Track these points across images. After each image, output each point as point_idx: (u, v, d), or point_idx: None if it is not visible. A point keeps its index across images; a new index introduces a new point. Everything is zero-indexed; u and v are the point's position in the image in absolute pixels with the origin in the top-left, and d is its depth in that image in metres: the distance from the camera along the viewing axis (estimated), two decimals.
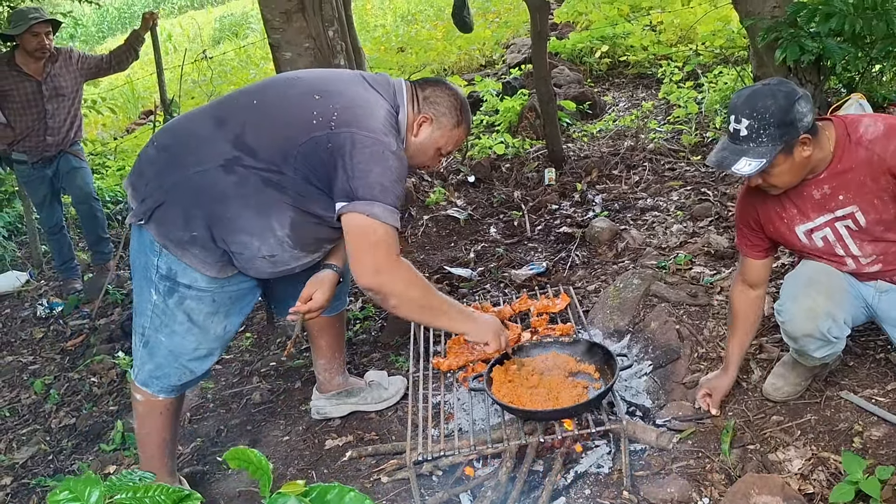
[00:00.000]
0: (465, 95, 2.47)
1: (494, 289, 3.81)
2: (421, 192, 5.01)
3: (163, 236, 2.26)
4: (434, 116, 2.37)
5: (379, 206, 2.16)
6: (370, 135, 2.17)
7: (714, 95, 5.68)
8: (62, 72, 4.52)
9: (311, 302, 2.42)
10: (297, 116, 2.21)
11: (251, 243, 2.27)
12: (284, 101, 2.27)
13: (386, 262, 2.21)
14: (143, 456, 2.59)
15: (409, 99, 2.35)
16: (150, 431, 2.54)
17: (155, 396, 2.49)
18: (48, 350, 4.42)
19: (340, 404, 3.00)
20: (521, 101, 6.13)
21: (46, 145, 4.57)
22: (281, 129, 2.22)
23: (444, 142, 2.42)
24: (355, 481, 2.64)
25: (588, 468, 2.44)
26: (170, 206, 2.24)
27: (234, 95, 2.43)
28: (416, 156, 2.42)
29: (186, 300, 2.34)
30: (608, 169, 5.00)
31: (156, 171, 2.29)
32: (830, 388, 2.51)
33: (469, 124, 2.47)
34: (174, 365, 2.44)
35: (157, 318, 2.38)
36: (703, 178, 4.58)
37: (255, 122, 2.25)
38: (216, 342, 2.46)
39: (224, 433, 3.10)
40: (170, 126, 2.43)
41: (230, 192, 2.22)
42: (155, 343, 2.42)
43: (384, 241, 2.19)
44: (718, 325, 2.94)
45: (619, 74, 7.56)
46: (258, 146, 2.21)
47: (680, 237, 3.83)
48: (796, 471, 2.23)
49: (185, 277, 2.30)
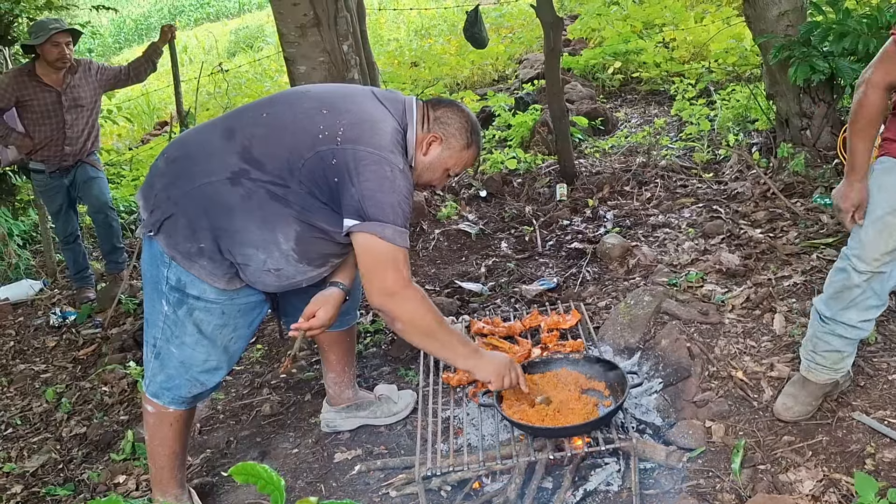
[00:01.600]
0: (477, 119, 2.48)
1: (505, 304, 3.81)
2: (433, 206, 5.02)
3: (171, 248, 2.28)
4: (444, 136, 2.37)
5: (391, 228, 2.17)
6: (375, 152, 2.18)
7: (726, 113, 5.68)
8: (81, 83, 4.58)
9: (314, 320, 2.42)
10: (303, 130, 2.23)
11: (257, 256, 2.29)
12: (292, 115, 2.29)
13: (397, 285, 2.22)
14: (154, 467, 2.60)
15: (419, 118, 2.36)
16: (161, 443, 2.55)
17: (166, 408, 2.50)
18: (60, 359, 4.45)
19: (350, 417, 3.01)
20: (533, 117, 6.15)
21: (64, 155, 4.63)
22: (287, 143, 2.23)
23: (452, 162, 2.42)
24: (364, 495, 2.64)
25: (597, 486, 2.44)
26: (178, 218, 2.26)
27: (244, 108, 2.45)
28: (424, 174, 2.42)
29: (196, 311, 2.36)
30: (620, 185, 5.00)
31: (165, 182, 2.32)
32: (842, 409, 2.49)
33: (479, 147, 2.47)
34: (185, 377, 2.45)
35: (167, 329, 2.39)
36: (715, 196, 4.58)
37: (263, 135, 2.27)
38: (225, 354, 2.48)
39: (234, 444, 3.11)
40: (180, 138, 2.46)
41: (236, 204, 2.23)
42: (166, 354, 2.43)
43: (396, 263, 2.20)
44: (729, 343, 2.94)
45: (632, 91, 7.57)
46: (265, 159, 2.23)
47: (691, 254, 3.82)
48: (807, 492, 2.22)
49: (194, 289, 2.32)
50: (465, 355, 2.37)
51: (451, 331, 2.37)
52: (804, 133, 4.54)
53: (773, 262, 3.52)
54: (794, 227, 3.85)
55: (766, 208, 4.16)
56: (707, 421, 2.60)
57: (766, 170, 4.61)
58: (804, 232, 3.77)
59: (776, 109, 4.73)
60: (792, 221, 3.93)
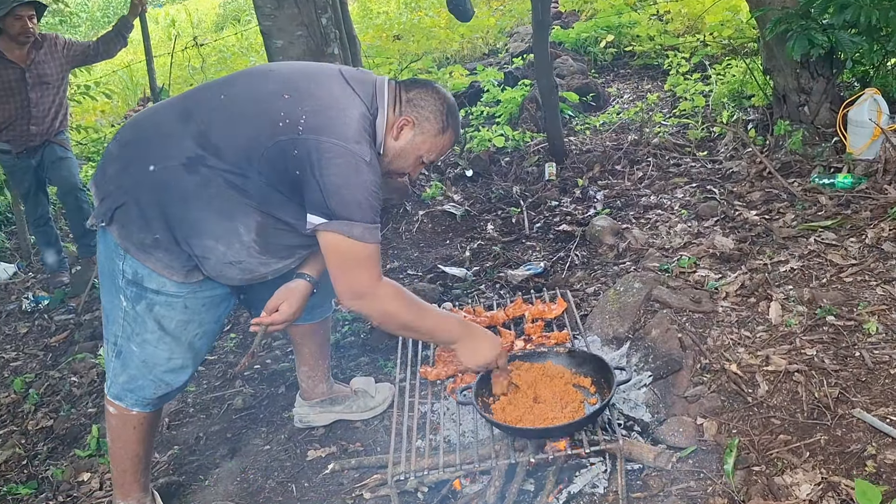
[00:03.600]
0: (454, 101, 2.28)
1: (490, 289, 3.66)
2: (417, 186, 4.85)
3: (125, 239, 2.11)
4: (416, 120, 2.19)
5: (359, 226, 2.02)
6: (340, 143, 2.00)
7: (722, 88, 5.50)
8: (47, 59, 4.37)
9: (276, 314, 2.26)
10: (263, 117, 2.05)
11: (216, 248, 2.12)
12: (251, 99, 2.10)
13: (368, 285, 2.09)
14: (116, 470, 2.45)
15: (391, 100, 2.18)
16: (123, 446, 2.40)
17: (129, 410, 2.34)
18: (32, 346, 4.30)
19: (324, 412, 2.86)
20: (522, 93, 5.96)
21: (30, 135, 4.43)
22: (246, 130, 2.06)
23: (426, 148, 2.24)
24: (336, 497, 2.51)
25: (582, 488, 2.30)
26: (130, 207, 2.09)
27: (202, 87, 2.26)
28: (395, 161, 2.24)
29: (156, 307, 2.19)
30: (611, 164, 4.83)
31: (117, 168, 2.14)
32: (841, 406, 2.35)
33: (457, 132, 2.29)
34: (148, 377, 2.29)
35: (127, 326, 2.23)
36: (709, 175, 4.42)
37: (221, 119, 2.09)
38: (190, 352, 2.31)
39: (203, 440, 2.97)
40: (134, 119, 2.27)
41: (192, 192, 2.06)
42: (127, 353, 2.27)
43: (366, 262, 2.07)
44: (723, 333, 2.79)
45: (625, 65, 7.37)
46: (223, 146, 2.05)
47: (684, 238, 3.66)
48: (804, 497, 2.08)
49: (152, 282, 2.15)
50: (449, 342, 2.29)
51: (430, 319, 2.25)
52: (802, 110, 4.36)
53: (768, 246, 3.37)
54: (791, 209, 3.69)
55: (762, 188, 4.00)
56: (699, 417, 2.45)
57: (762, 148, 4.45)
58: (801, 214, 3.62)
59: (773, 85, 4.55)
60: (789, 203, 3.77)
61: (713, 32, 6.85)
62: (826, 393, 2.40)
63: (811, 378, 2.47)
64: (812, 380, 2.47)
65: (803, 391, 2.43)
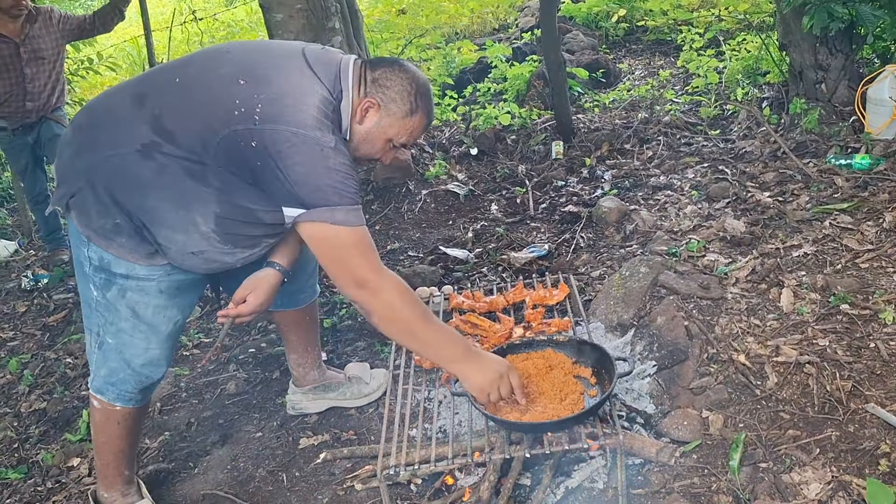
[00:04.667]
0: (427, 79, 2.12)
1: (492, 272, 3.56)
2: (421, 164, 4.73)
3: (85, 226, 2.01)
4: (382, 102, 2.05)
5: (340, 210, 1.90)
6: (300, 131, 1.87)
7: (736, 65, 5.33)
8: (42, 33, 4.26)
9: (243, 306, 2.16)
10: (217, 103, 1.92)
11: (176, 238, 2.01)
12: (205, 83, 1.97)
13: (368, 273, 1.96)
14: (100, 463, 2.38)
15: (355, 81, 2.04)
16: (107, 441, 2.32)
17: (112, 405, 2.26)
18: (30, 325, 4.24)
19: (318, 399, 2.78)
20: (530, 68, 5.81)
21: (26, 111, 4.34)
22: (200, 117, 1.93)
23: (394, 132, 2.09)
24: (327, 487, 2.43)
25: (581, 483, 2.21)
26: (86, 193, 1.99)
27: (158, 70, 2.14)
28: (362, 146, 2.10)
29: (128, 292, 2.09)
30: (620, 143, 4.69)
31: (70, 153, 2.04)
32: (854, 400, 2.24)
33: (429, 113, 2.13)
34: (127, 370, 2.20)
35: (101, 315, 2.14)
36: (722, 155, 4.27)
37: (175, 103, 1.96)
38: (168, 341, 2.22)
39: (195, 426, 2.90)
40: (89, 104, 2.15)
41: (148, 180, 1.95)
42: (106, 346, 2.18)
43: (359, 247, 1.94)
44: (731, 322, 2.67)
45: (637, 41, 7.20)
46: (178, 132, 1.93)
47: (694, 220, 3.54)
48: (814, 496, 1.98)
49: (119, 267, 2.05)
50: (449, 359, 2.08)
51: (436, 328, 2.07)
52: (819, 87, 4.21)
53: (781, 230, 3.24)
54: (806, 191, 3.56)
55: (776, 169, 3.86)
56: (704, 410, 2.35)
57: (776, 127, 4.30)
58: (816, 196, 3.48)
59: (789, 61, 4.39)
60: (803, 184, 3.63)
61: (728, 7, 6.65)
62: (838, 386, 2.29)
63: (823, 370, 2.36)
64: (824, 372, 2.35)
65: (814, 384, 2.32)
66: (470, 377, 2.08)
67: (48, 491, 2.72)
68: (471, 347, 2.13)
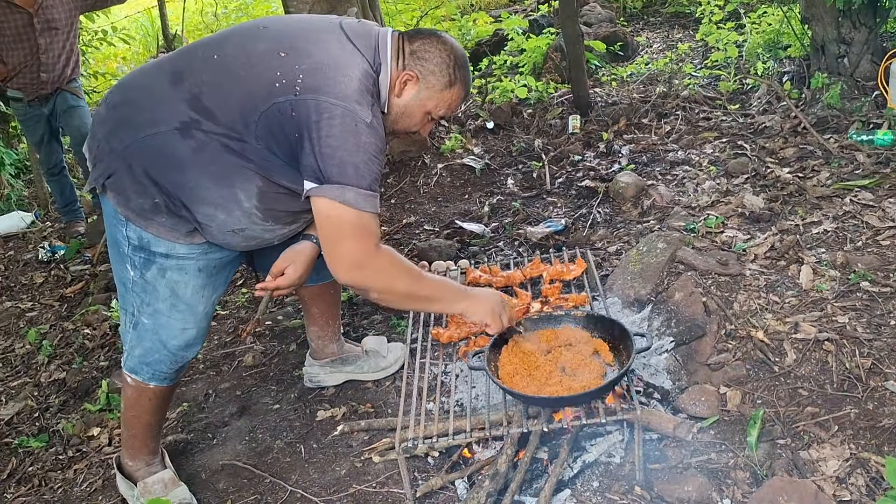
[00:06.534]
0: (464, 51, 2.10)
1: (508, 247, 3.55)
2: (436, 138, 4.70)
3: (123, 206, 2.01)
4: (420, 74, 2.03)
5: (352, 190, 1.87)
6: (340, 103, 1.85)
7: (756, 38, 5.24)
8: (55, 3, 4.24)
9: (282, 278, 2.17)
10: (258, 78, 1.90)
11: (216, 216, 2.01)
12: (245, 59, 1.95)
13: (364, 255, 1.94)
14: (127, 434, 2.39)
15: (393, 54, 2.02)
16: (137, 415, 2.33)
17: (146, 384, 2.26)
18: (47, 296, 4.28)
19: (335, 372, 2.80)
20: (547, 41, 5.74)
21: (41, 83, 4.34)
22: (240, 93, 1.92)
23: (433, 104, 2.08)
24: (345, 459, 2.45)
25: (598, 457, 2.22)
26: (123, 174, 1.98)
27: (194, 47, 2.10)
28: (400, 120, 2.09)
29: (168, 272, 2.09)
30: (637, 117, 4.65)
31: (105, 132, 2.02)
32: (874, 378, 2.23)
33: (467, 85, 2.12)
34: (163, 351, 2.20)
35: (136, 296, 2.13)
36: (741, 130, 4.22)
37: (215, 81, 1.95)
38: (205, 320, 2.22)
39: (212, 398, 2.92)
40: (121, 82, 2.13)
41: (188, 158, 1.94)
42: (141, 325, 2.18)
43: (360, 231, 1.92)
44: (750, 298, 2.66)
45: (655, 13, 7.10)
46: (217, 109, 1.92)
47: (712, 196, 3.51)
48: (831, 473, 1.98)
49: (160, 246, 2.06)
50: (452, 301, 2.15)
51: (431, 283, 2.12)
52: (841, 61, 4.14)
53: (801, 206, 3.21)
54: (827, 167, 3.52)
55: (796, 145, 3.81)
56: (722, 386, 2.35)
57: (797, 102, 4.24)
58: (837, 172, 3.44)
59: (811, 35, 4.31)
60: (824, 160, 3.59)
61: None
62: (858, 363, 2.28)
63: (842, 347, 2.35)
64: (843, 349, 2.34)
65: (833, 361, 2.31)
66: (476, 310, 2.16)
67: (69, 459, 2.76)
68: (462, 286, 2.19)
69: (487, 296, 2.19)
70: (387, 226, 3.99)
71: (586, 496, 2.11)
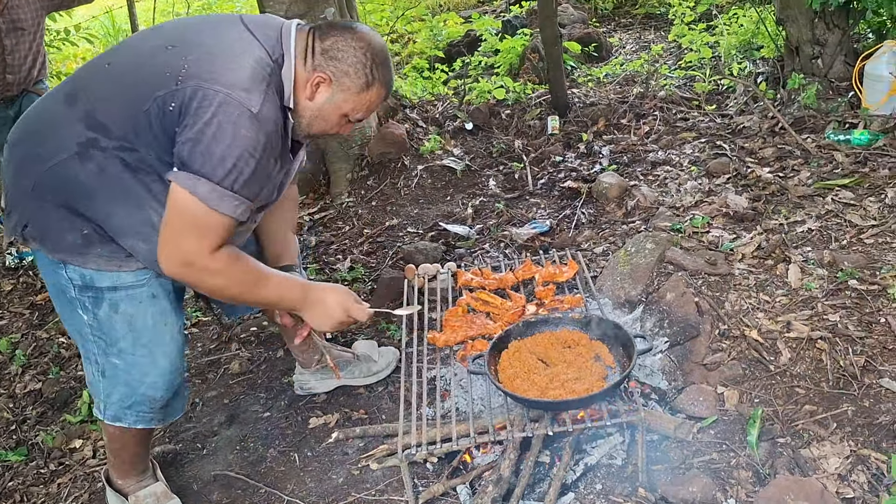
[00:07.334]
0: (384, 44, 1.95)
1: (494, 249, 3.53)
2: (415, 139, 4.67)
3: (53, 249, 1.90)
4: (334, 76, 1.87)
5: (208, 184, 1.72)
6: (222, 90, 1.71)
7: (731, 39, 5.31)
8: (21, 3, 4.10)
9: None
10: (146, 76, 1.78)
11: (137, 246, 1.88)
12: (135, 60, 1.84)
13: (197, 256, 1.79)
14: (114, 460, 2.30)
15: (301, 50, 1.87)
16: (122, 447, 2.25)
17: (132, 427, 2.14)
18: (17, 304, 4.14)
19: (326, 378, 2.75)
20: (522, 42, 5.75)
21: (7, 84, 4.19)
22: (129, 96, 1.78)
23: (350, 107, 1.93)
24: (342, 467, 2.41)
25: (600, 460, 2.21)
26: (41, 215, 1.86)
27: (89, 63, 1.96)
28: (315, 123, 1.95)
29: (120, 305, 1.96)
30: (616, 118, 4.67)
31: (11, 174, 1.90)
32: (868, 375, 2.26)
33: (388, 84, 1.96)
34: (140, 390, 2.07)
35: (97, 341, 2.01)
36: (719, 131, 4.27)
37: (107, 92, 1.82)
38: (175, 349, 2.09)
39: (199, 407, 2.86)
40: (23, 116, 1.99)
41: (92, 184, 1.81)
42: (111, 369, 2.04)
43: (202, 229, 1.76)
44: (741, 298, 2.68)
45: (626, 14, 7.16)
46: (110, 122, 1.79)
47: (695, 196, 3.54)
48: (833, 470, 2.00)
49: (103, 280, 1.93)
50: (290, 309, 2.10)
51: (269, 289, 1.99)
52: (815, 62, 4.21)
53: (783, 206, 3.25)
54: (806, 166, 3.57)
55: (775, 145, 3.87)
56: (719, 386, 2.36)
57: (772, 101, 4.30)
58: (817, 171, 3.49)
59: (786, 36, 4.38)
60: (803, 160, 3.64)
61: None
62: (852, 361, 2.31)
63: (835, 345, 2.38)
64: (836, 347, 2.37)
65: (828, 359, 2.34)
66: (315, 319, 2.10)
67: (52, 473, 2.67)
68: (308, 290, 2.08)
69: (330, 301, 2.10)
70: (369, 228, 3.95)
71: (590, 499, 2.10)
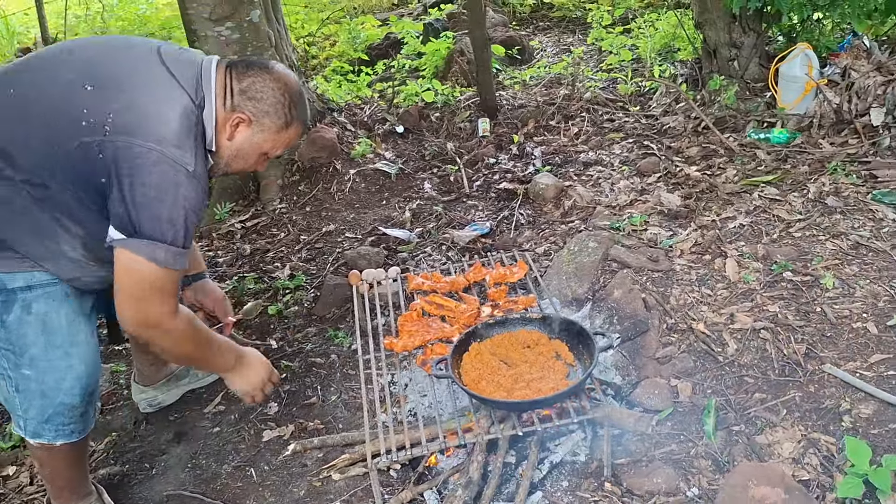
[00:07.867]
0: (299, 83, 1.97)
1: (436, 252, 3.53)
2: (345, 143, 4.62)
3: None
4: (254, 116, 1.88)
5: (164, 249, 1.72)
6: (155, 147, 1.69)
7: (650, 42, 5.49)
8: None
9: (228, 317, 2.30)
10: (62, 114, 1.72)
11: (52, 267, 1.85)
12: (46, 91, 1.75)
13: (161, 318, 1.80)
14: (51, 489, 2.18)
15: (220, 89, 1.85)
16: (54, 472, 2.13)
17: (53, 444, 2.04)
18: None
19: (172, 389, 2.75)
20: (447, 45, 5.77)
21: None
22: (43, 132, 1.72)
23: (269, 146, 1.94)
24: (302, 479, 2.35)
25: (564, 457, 2.24)
26: None
27: None
28: (234, 162, 1.95)
29: (34, 305, 1.87)
30: (545, 119, 4.75)
31: None
32: (811, 362, 2.38)
33: (304, 122, 1.99)
34: (57, 400, 1.97)
35: (6, 353, 1.90)
36: (645, 131, 4.41)
37: (13, 119, 1.74)
38: (90, 350, 1.99)
39: (143, 425, 2.72)
40: None
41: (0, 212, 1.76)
42: (24, 383, 1.94)
43: (163, 293, 1.78)
44: (684, 292, 2.77)
45: (543, 17, 7.29)
46: (16, 152, 1.72)
47: (629, 195, 3.64)
48: (787, 455, 2.09)
49: (16, 281, 1.84)
50: (222, 371, 2.13)
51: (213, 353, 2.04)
52: (732, 64, 4.41)
53: (714, 202, 3.39)
54: (731, 164, 3.73)
55: (700, 144, 4.02)
56: (672, 379, 2.43)
57: (693, 101, 4.47)
58: (742, 169, 3.65)
59: (704, 38, 4.57)
60: (728, 158, 3.80)
61: None
62: (794, 349, 2.42)
63: (778, 335, 2.49)
64: (779, 336, 2.49)
65: (772, 348, 2.45)
66: (237, 384, 2.16)
67: None
68: (241, 357, 2.15)
69: (255, 370, 2.17)
70: (305, 234, 3.88)
71: (558, 496, 2.13)
